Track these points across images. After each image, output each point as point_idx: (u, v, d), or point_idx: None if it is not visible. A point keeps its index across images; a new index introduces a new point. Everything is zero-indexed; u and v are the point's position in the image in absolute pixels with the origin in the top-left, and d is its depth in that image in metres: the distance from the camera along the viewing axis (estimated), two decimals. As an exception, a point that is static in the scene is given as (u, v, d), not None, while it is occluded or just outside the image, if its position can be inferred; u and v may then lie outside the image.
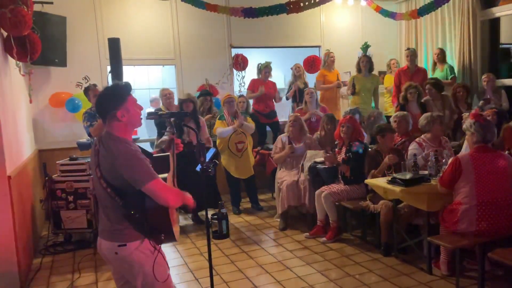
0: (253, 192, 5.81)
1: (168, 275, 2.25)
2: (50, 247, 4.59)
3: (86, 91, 4.94)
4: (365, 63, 6.28)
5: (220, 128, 5.42)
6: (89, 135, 4.78)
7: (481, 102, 5.46)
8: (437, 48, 6.47)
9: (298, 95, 6.39)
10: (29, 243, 4.21)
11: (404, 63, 6.62)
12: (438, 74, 6.32)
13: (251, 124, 5.59)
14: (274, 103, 6.59)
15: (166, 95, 5.65)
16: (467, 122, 3.39)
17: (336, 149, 4.71)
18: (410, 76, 6.13)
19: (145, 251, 2.16)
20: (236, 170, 5.56)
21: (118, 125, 2.14)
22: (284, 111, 6.95)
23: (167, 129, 4.68)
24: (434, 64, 6.43)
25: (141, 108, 2.23)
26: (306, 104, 5.95)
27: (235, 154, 5.49)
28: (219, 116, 5.60)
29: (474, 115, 3.36)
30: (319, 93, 6.61)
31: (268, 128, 6.56)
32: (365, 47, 6.60)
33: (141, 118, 2.25)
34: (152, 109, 7.20)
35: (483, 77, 5.82)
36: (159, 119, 5.16)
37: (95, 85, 4.95)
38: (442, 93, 5.72)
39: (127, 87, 2.19)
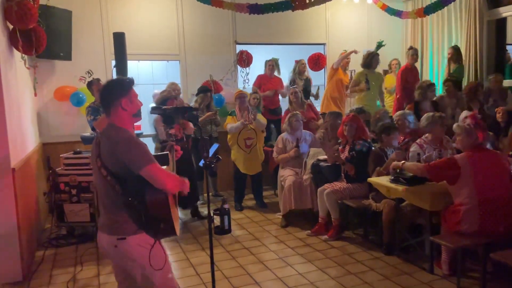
0: (259, 189, 5.81)
1: (166, 263, 2.25)
2: (53, 240, 4.62)
3: (90, 85, 4.94)
4: (377, 61, 6.26)
5: (230, 124, 5.53)
6: (93, 129, 4.80)
7: (491, 101, 5.42)
8: (450, 48, 6.23)
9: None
10: (32, 236, 4.23)
11: (405, 61, 6.56)
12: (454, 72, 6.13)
13: (262, 121, 5.60)
14: (280, 99, 6.57)
15: (174, 90, 5.64)
16: (461, 124, 3.39)
17: (340, 147, 4.70)
18: (415, 74, 6.08)
19: (144, 244, 2.17)
20: (244, 166, 5.59)
21: (122, 115, 2.20)
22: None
23: (169, 138, 4.66)
24: (449, 62, 6.25)
25: (141, 104, 2.31)
26: (292, 104, 5.94)
27: (243, 150, 5.53)
28: (230, 111, 5.70)
29: (469, 117, 3.36)
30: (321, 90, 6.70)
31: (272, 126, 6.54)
32: (379, 45, 6.52)
33: (141, 112, 2.34)
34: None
35: (490, 77, 5.76)
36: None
37: (98, 80, 4.96)
38: (458, 92, 5.66)
39: (131, 80, 2.30)
